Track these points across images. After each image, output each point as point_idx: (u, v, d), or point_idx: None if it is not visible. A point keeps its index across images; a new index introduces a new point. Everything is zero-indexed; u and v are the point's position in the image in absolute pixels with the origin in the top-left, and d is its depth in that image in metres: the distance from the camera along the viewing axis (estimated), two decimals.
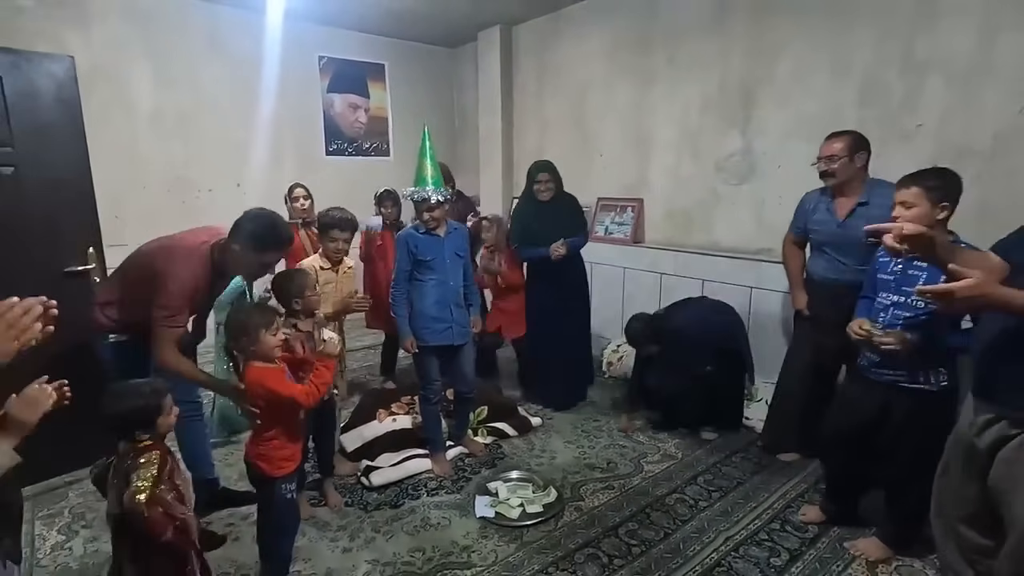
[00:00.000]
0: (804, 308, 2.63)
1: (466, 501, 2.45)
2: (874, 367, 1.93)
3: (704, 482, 2.60)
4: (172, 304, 1.88)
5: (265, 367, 1.81)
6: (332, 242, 2.49)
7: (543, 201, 3.19)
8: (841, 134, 2.41)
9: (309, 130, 5.07)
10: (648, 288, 4.02)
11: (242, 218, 1.97)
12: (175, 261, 1.92)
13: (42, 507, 2.43)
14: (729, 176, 3.60)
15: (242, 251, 1.94)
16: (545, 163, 3.26)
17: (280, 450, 1.84)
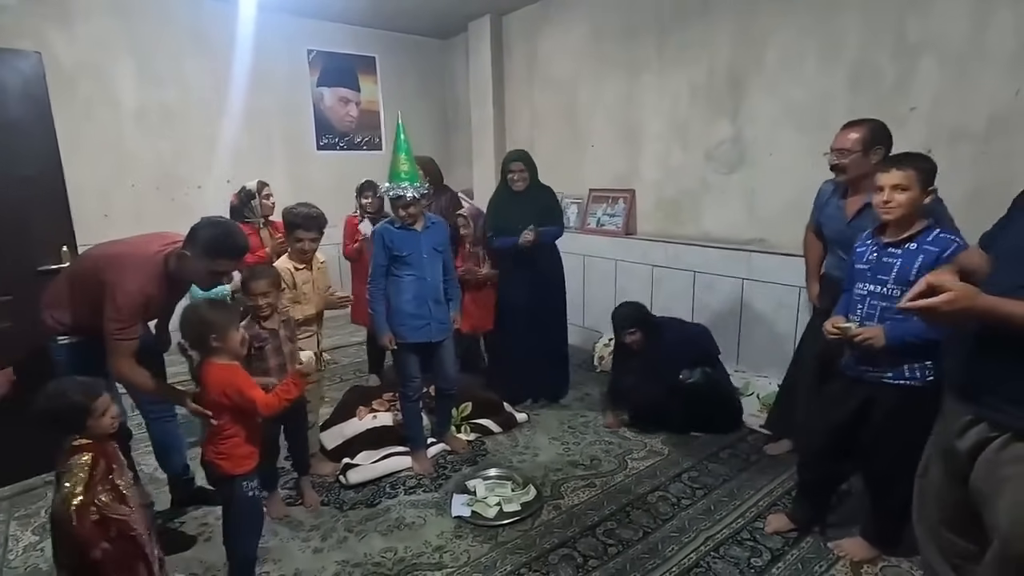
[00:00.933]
0: (815, 300, 2.55)
1: (444, 500, 2.41)
2: (856, 364, 1.85)
3: (689, 479, 2.54)
4: (122, 317, 1.83)
5: (230, 365, 1.79)
6: (298, 242, 2.43)
7: (517, 191, 3.12)
8: (858, 124, 2.19)
9: (299, 125, 5.03)
10: (640, 280, 3.95)
11: (198, 225, 1.91)
12: (124, 272, 1.86)
13: (19, 507, 2.42)
14: (719, 165, 3.51)
15: (194, 258, 1.88)
16: (519, 152, 3.18)
17: (239, 447, 1.80)
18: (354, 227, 3.46)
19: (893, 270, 1.74)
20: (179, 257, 1.91)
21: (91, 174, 4.02)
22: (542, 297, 3.23)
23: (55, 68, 3.78)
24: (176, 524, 2.27)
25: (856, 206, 2.25)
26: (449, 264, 2.67)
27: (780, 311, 3.19)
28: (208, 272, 1.92)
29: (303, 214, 2.41)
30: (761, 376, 3.17)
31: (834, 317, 1.85)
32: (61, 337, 1.99)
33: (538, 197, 3.17)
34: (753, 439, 2.89)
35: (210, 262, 1.89)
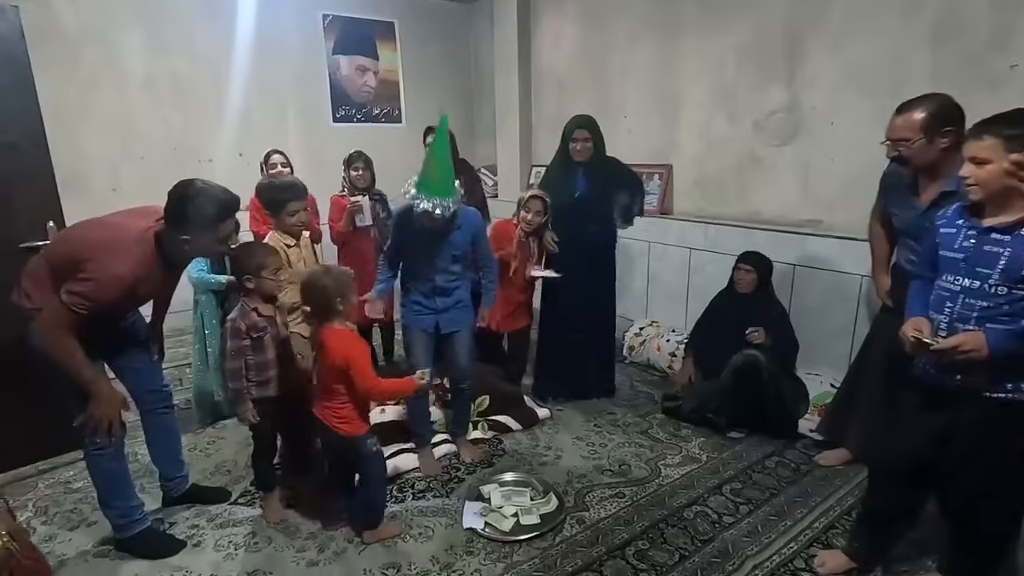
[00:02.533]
0: (885, 297, 2.20)
1: (455, 507, 2.18)
2: (936, 371, 1.52)
3: (731, 492, 2.25)
4: (96, 297, 1.61)
5: (351, 333, 1.91)
6: (291, 216, 2.19)
7: (578, 162, 2.76)
8: (914, 105, 1.81)
9: (314, 95, 4.77)
10: (676, 265, 3.61)
11: (176, 202, 1.68)
12: (113, 255, 1.63)
13: (8, 498, 2.25)
14: (770, 136, 3.13)
15: (196, 237, 1.69)
16: (583, 118, 2.78)
17: (358, 407, 1.89)
18: (340, 207, 3.13)
19: (999, 262, 1.39)
20: (181, 243, 1.70)
21: (99, 146, 3.86)
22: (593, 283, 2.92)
23: (58, 34, 3.60)
24: (165, 526, 2.09)
25: (932, 194, 1.89)
26: (485, 258, 2.38)
27: (837, 302, 2.84)
28: (216, 242, 1.76)
29: (288, 184, 2.19)
30: (813, 374, 2.83)
31: (915, 320, 1.51)
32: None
33: (602, 172, 2.80)
34: (803, 445, 2.57)
35: (213, 232, 1.72)
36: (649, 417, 2.88)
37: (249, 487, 2.29)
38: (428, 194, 2.06)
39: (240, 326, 1.92)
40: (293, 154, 4.63)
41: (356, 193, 3.15)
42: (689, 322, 3.55)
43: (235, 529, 2.07)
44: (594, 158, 2.76)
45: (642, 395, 3.15)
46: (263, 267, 1.92)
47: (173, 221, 1.69)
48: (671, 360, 3.35)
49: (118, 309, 1.77)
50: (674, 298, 3.66)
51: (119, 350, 1.94)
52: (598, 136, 2.76)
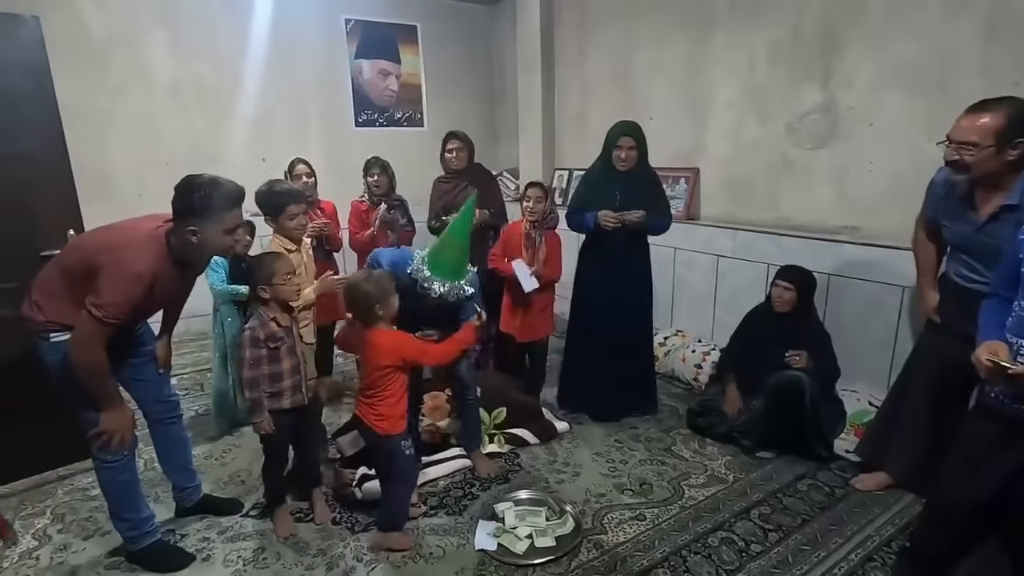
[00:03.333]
0: (933, 313, 2.04)
1: (468, 526, 2.10)
2: (1016, 400, 1.37)
3: (760, 517, 2.12)
4: (117, 300, 1.59)
5: (397, 331, 1.95)
6: (292, 219, 2.15)
7: (622, 172, 2.61)
8: (988, 107, 1.62)
9: (337, 100, 4.77)
10: (703, 272, 3.48)
11: (182, 192, 1.65)
12: (126, 253, 1.62)
13: (28, 504, 2.30)
14: (804, 139, 2.97)
15: (202, 228, 1.65)
16: (628, 125, 2.62)
17: (396, 408, 1.93)
18: (361, 212, 3.11)
19: None
20: (188, 235, 1.65)
21: (126, 152, 3.92)
22: (625, 295, 2.75)
23: (86, 41, 3.67)
24: (176, 538, 2.07)
25: (991, 207, 1.71)
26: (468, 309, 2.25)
27: (876, 314, 2.67)
28: (224, 233, 1.70)
29: (286, 190, 2.15)
30: (849, 390, 2.67)
31: (991, 343, 1.36)
32: (55, 334, 1.74)
33: (642, 181, 2.66)
34: (838, 467, 2.42)
35: (219, 222, 1.66)
36: (673, 432, 2.76)
37: (261, 499, 2.25)
38: (441, 276, 2.02)
39: (259, 335, 1.89)
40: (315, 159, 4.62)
41: (375, 199, 3.12)
42: (717, 331, 3.42)
43: (244, 543, 2.03)
44: (637, 168, 2.62)
45: (665, 408, 3.03)
46: (274, 273, 1.88)
47: (180, 212, 1.66)
48: (697, 372, 3.22)
49: (137, 314, 1.75)
50: (700, 306, 3.52)
51: (126, 361, 1.92)
52: (643, 145, 2.62)
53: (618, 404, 2.88)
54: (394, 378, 1.91)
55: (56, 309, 1.71)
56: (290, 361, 1.95)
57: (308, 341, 2.23)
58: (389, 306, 1.90)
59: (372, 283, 1.88)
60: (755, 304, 3.02)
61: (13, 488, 2.40)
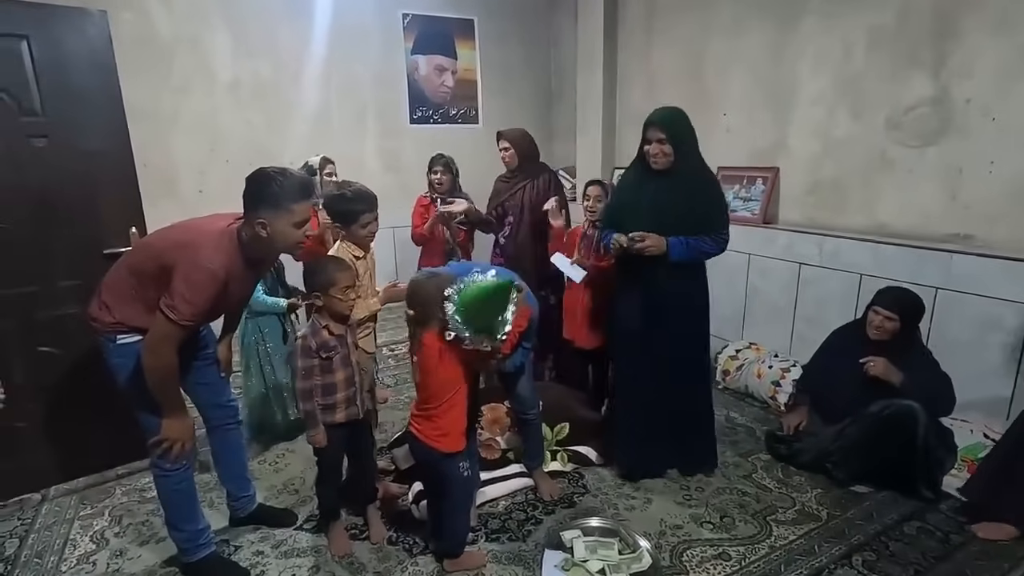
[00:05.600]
0: None
1: (532, 553, 1.94)
2: None
3: (864, 565, 1.87)
4: (194, 300, 1.52)
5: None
6: (364, 227, 2.03)
7: (657, 171, 2.10)
8: None
9: (392, 96, 4.70)
10: (781, 281, 3.20)
11: (251, 184, 1.59)
12: (200, 251, 1.56)
13: (87, 503, 2.29)
14: (908, 136, 2.66)
15: (271, 220, 1.57)
16: (662, 112, 2.09)
17: (459, 422, 1.79)
18: (424, 207, 3.08)
19: None
20: (259, 227, 1.58)
21: (188, 150, 3.95)
22: (674, 343, 2.20)
23: (154, 40, 3.70)
24: (230, 550, 1.99)
25: None
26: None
27: (993, 334, 2.36)
28: (293, 227, 1.62)
29: (361, 193, 2.03)
30: (960, 420, 2.36)
31: None
32: (122, 336, 1.68)
33: (682, 185, 2.08)
34: (949, 508, 2.13)
35: (287, 214, 1.59)
36: (752, 458, 2.52)
37: (315, 511, 2.16)
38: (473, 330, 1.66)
39: (311, 344, 1.79)
40: (371, 157, 4.65)
41: (435, 197, 3.03)
42: (795, 346, 3.14)
43: (299, 560, 1.94)
44: (677, 167, 2.07)
45: (741, 429, 2.78)
46: (333, 284, 1.77)
47: (250, 205, 1.59)
48: (774, 390, 2.95)
49: (211, 314, 1.68)
50: (778, 318, 3.24)
51: (191, 364, 1.86)
52: (682, 137, 2.06)
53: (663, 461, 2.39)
54: (458, 387, 1.76)
55: (125, 310, 1.66)
56: (344, 372, 1.84)
57: (369, 350, 2.12)
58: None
59: (436, 283, 1.74)
60: (844, 318, 2.75)
61: (75, 486, 2.40)
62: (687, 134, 2.09)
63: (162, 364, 1.57)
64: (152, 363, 1.56)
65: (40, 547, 2.03)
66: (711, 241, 2.13)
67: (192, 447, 1.74)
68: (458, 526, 1.87)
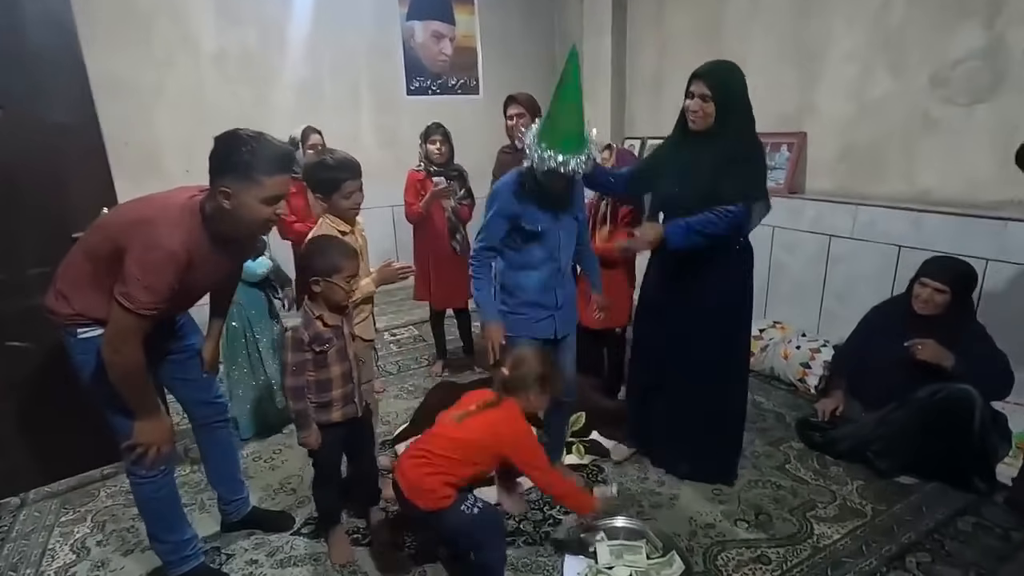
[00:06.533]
0: None
1: (552, 561, 1.77)
2: None
3: (919, 567, 1.69)
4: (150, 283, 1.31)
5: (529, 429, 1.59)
6: (347, 198, 1.82)
7: (695, 132, 1.83)
8: None
9: (388, 66, 4.43)
10: (808, 255, 2.98)
11: (218, 146, 1.36)
12: (156, 227, 1.35)
13: (69, 507, 2.12)
14: (956, 92, 2.42)
15: (236, 190, 1.34)
16: (715, 66, 1.82)
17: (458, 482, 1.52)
18: (417, 182, 2.83)
19: None
20: (221, 197, 1.35)
21: (173, 126, 3.71)
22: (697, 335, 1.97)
23: (131, 6, 3.43)
24: (221, 558, 1.82)
25: None
26: (584, 232, 1.99)
27: None
28: (262, 202, 1.37)
29: (343, 161, 1.82)
30: (1014, 403, 2.16)
31: None
32: (83, 329, 1.49)
33: (724, 153, 1.78)
34: (1005, 499, 1.95)
35: (256, 186, 1.35)
36: (784, 447, 2.34)
37: (314, 514, 1.98)
38: (565, 150, 1.62)
39: (302, 337, 1.58)
40: (366, 131, 4.40)
41: (432, 168, 2.79)
42: (824, 324, 2.94)
43: (296, 570, 1.77)
44: (717, 131, 1.79)
45: (769, 415, 2.60)
46: (337, 271, 1.56)
47: (215, 169, 1.37)
48: (803, 372, 2.76)
49: (175, 300, 1.47)
50: (804, 295, 3.03)
51: (166, 357, 1.67)
52: (729, 97, 1.77)
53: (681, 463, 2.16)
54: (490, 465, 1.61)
55: (84, 300, 1.46)
56: (340, 367, 1.64)
57: (367, 337, 1.92)
58: (542, 397, 1.61)
59: (546, 363, 1.61)
60: (879, 294, 2.55)
61: (56, 488, 2.23)
62: (736, 95, 1.80)
63: (124, 360, 1.37)
64: (113, 359, 1.37)
65: (16, 558, 1.87)
66: (716, 217, 1.79)
67: (170, 451, 1.55)
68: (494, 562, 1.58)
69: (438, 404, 2.47)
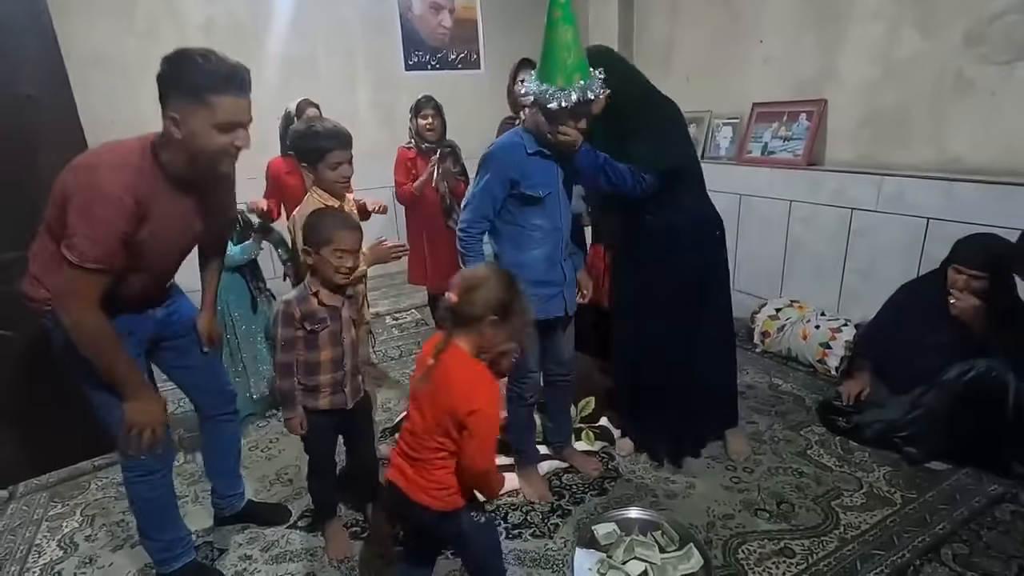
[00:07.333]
0: None
1: (562, 554, 1.67)
2: None
3: (955, 560, 1.58)
4: (95, 234, 1.19)
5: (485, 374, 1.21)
6: (334, 168, 1.70)
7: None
8: None
9: (385, 41, 4.25)
10: (827, 230, 2.83)
11: (161, 71, 1.22)
12: (98, 171, 1.22)
13: (58, 500, 2.05)
14: (993, 50, 2.24)
15: (184, 118, 1.21)
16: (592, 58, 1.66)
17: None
18: (408, 160, 2.70)
19: None
20: (170, 124, 1.23)
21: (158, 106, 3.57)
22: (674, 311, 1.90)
23: None
24: (213, 554, 1.74)
25: None
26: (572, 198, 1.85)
27: None
28: (213, 128, 1.22)
29: (330, 131, 1.72)
30: None
31: None
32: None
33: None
34: None
35: (206, 109, 1.20)
36: (804, 431, 2.22)
37: (310, 507, 1.89)
38: (569, 82, 1.51)
39: (294, 312, 1.48)
40: (363, 109, 4.24)
41: (423, 145, 2.65)
42: (844, 302, 2.81)
43: (292, 566, 1.68)
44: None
45: (788, 398, 2.47)
46: (328, 242, 1.46)
47: (162, 93, 1.23)
48: (823, 352, 2.62)
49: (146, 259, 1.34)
50: (823, 272, 2.89)
51: (160, 344, 1.55)
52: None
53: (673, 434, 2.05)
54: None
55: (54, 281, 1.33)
56: (331, 351, 1.53)
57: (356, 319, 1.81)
58: (501, 331, 1.20)
59: (510, 289, 1.21)
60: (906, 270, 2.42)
61: (45, 481, 2.15)
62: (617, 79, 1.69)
63: (81, 324, 1.24)
64: (69, 324, 1.24)
65: (1, 555, 1.79)
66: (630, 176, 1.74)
67: (163, 434, 1.43)
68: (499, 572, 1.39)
69: None
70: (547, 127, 1.60)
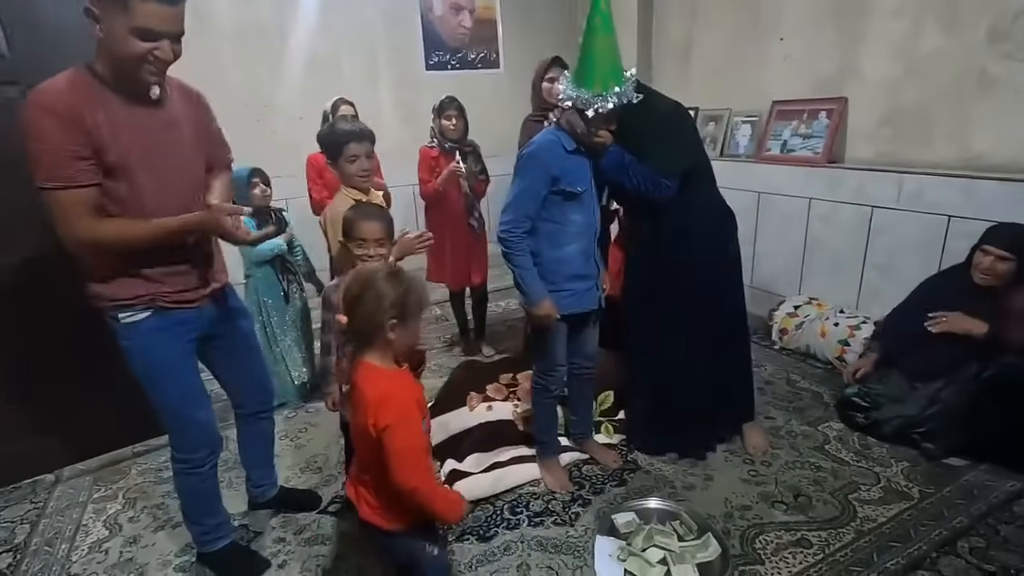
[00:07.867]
0: None
1: (582, 540, 1.72)
2: None
3: (972, 553, 1.60)
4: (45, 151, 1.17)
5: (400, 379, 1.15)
6: (351, 162, 1.79)
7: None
8: None
9: (406, 41, 4.32)
10: (847, 227, 2.83)
11: None
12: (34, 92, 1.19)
13: (101, 485, 2.15)
14: (1018, 47, 2.24)
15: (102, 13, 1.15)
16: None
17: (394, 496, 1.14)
18: (431, 159, 2.74)
19: None
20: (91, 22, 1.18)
21: None
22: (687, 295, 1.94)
23: None
24: (250, 536, 1.82)
25: None
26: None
27: None
28: (130, 32, 1.15)
29: (347, 128, 1.81)
30: None
31: None
32: (123, 313, 1.37)
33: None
34: None
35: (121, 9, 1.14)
36: (823, 427, 2.24)
37: (341, 490, 1.98)
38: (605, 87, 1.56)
39: (331, 298, 1.59)
40: (385, 108, 4.32)
41: (446, 144, 2.71)
42: (864, 300, 2.81)
43: (324, 548, 1.76)
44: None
45: (806, 395, 2.49)
46: (349, 233, 1.57)
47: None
48: (842, 350, 2.63)
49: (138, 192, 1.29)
50: (843, 269, 2.89)
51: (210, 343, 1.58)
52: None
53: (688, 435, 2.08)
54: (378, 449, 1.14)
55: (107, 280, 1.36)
56: None
57: None
58: (408, 327, 1.13)
59: (394, 282, 1.11)
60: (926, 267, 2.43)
61: (88, 466, 2.26)
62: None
63: (89, 238, 1.24)
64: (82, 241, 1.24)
65: (51, 534, 1.90)
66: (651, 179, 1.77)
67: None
68: None
69: (461, 383, 2.46)
70: (582, 128, 1.65)
